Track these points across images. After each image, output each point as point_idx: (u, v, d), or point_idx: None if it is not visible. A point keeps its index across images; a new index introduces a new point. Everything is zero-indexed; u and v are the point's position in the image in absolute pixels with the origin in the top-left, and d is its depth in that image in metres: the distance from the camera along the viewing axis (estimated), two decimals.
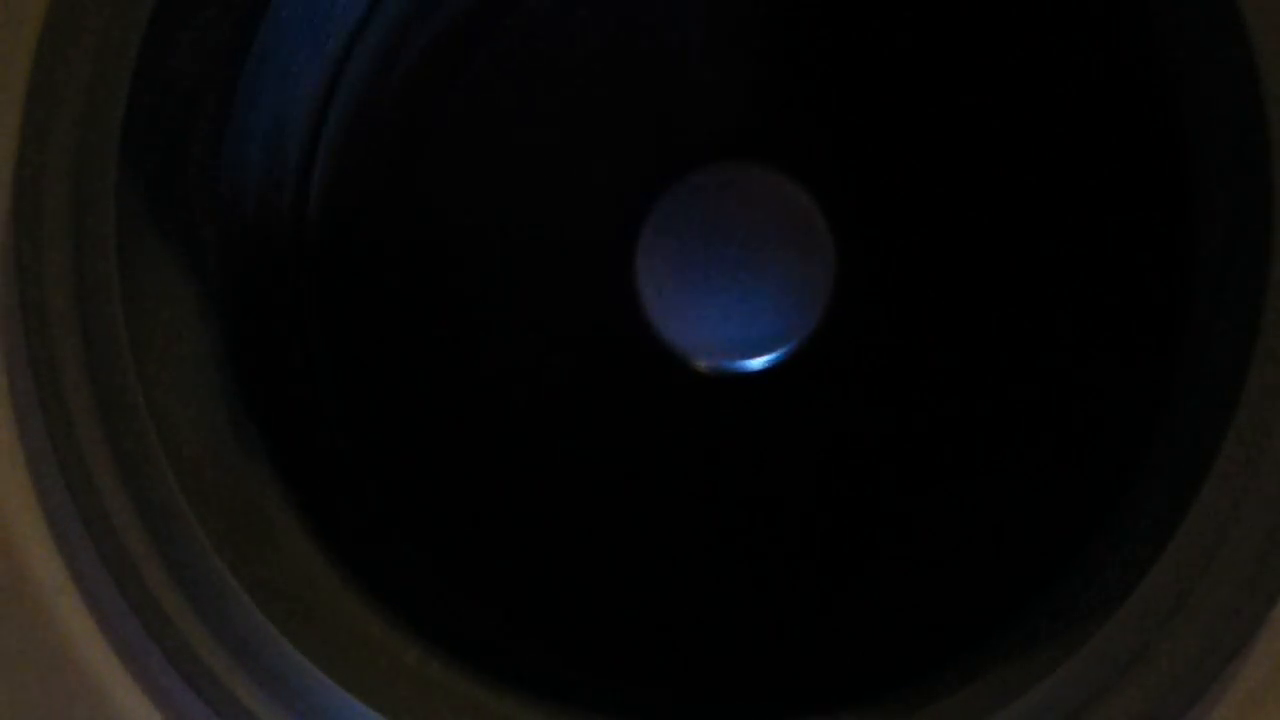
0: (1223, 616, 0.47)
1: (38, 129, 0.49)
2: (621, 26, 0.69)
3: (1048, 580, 0.54)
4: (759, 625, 0.65)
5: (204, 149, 0.54)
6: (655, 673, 0.62)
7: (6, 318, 0.50)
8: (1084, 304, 0.65)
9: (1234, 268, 0.50)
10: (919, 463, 0.68)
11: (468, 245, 0.69)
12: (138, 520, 0.50)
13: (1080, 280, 0.65)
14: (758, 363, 0.68)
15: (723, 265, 0.67)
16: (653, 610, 0.66)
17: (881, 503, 0.68)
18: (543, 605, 0.65)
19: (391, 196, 0.68)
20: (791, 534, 0.68)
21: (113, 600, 0.50)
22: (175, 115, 0.52)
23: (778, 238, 0.67)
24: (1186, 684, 0.47)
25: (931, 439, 0.68)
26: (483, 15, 0.68)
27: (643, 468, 0.69)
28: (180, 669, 0.50)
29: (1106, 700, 0.47)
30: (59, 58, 0.49)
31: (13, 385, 0.51)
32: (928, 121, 0.68)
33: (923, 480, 0.67)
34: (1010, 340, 0.67)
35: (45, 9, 0.49)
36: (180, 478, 0.50)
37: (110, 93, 0.49)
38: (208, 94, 0.53)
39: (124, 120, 0.49)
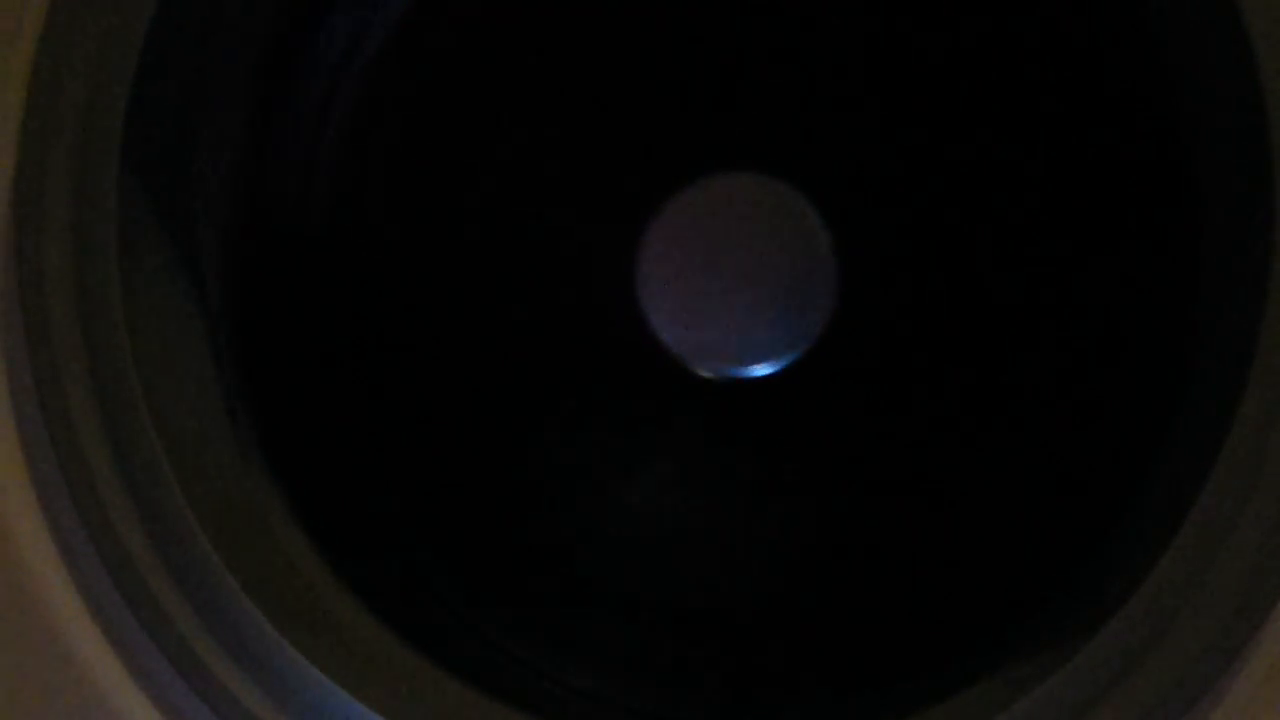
0: (1223, 617, 0.47)
1: (39, 130, 0.49)
2: (625, 35, 0.69)
3: (1050, 582, 0.54)
4: (761, 628, 0.65)
5: (204, 150, 0.54)
6: (656, 674, 0.62)
7: (6, 318, 0.51)
8: (1087, 309, 0.65)
9: (1236, 271, 0.50)
10: (921, 469, 0.68)
11: (470, 251, 0.69)
12: (138, 520, 0.50)
13: (1083, 284, 0.65)
14: (761, 370, 0.68)
15: (725, 273, 0.67)
16: (654, 613, 0.66)
17: (884, 508, 0.68)
18: (543, 607, 0.65)
19: (391, 202, 0.68)
20: (794, 539, 0.68)
21: (113, 600, 0.50)
22: (176, 116, 0.52)
23: (780, 246, 0.67)
24: (1187, 684, 0.47)
25: (934, 445, 0.68)
26: (484, 23, 0.68)
27: (645, 474, 0.69)
28: (180, 669, 0.50)
29: (1107, 700, 0.47)
30: (60, 59, 0.49)
31: (13, 385, 0.51)
32: (930, 129, 0.68)
33: (925, 486, 0.67)
34: (1013, 345, 0.67)
35: (46, 10, 0.49)
36: (180, 478, 0.50)
37: (111, 94, 0.49)
38: (208, 96, 0.53)
39: (125, 121, 0.49)
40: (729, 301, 0.67)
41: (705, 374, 0.69)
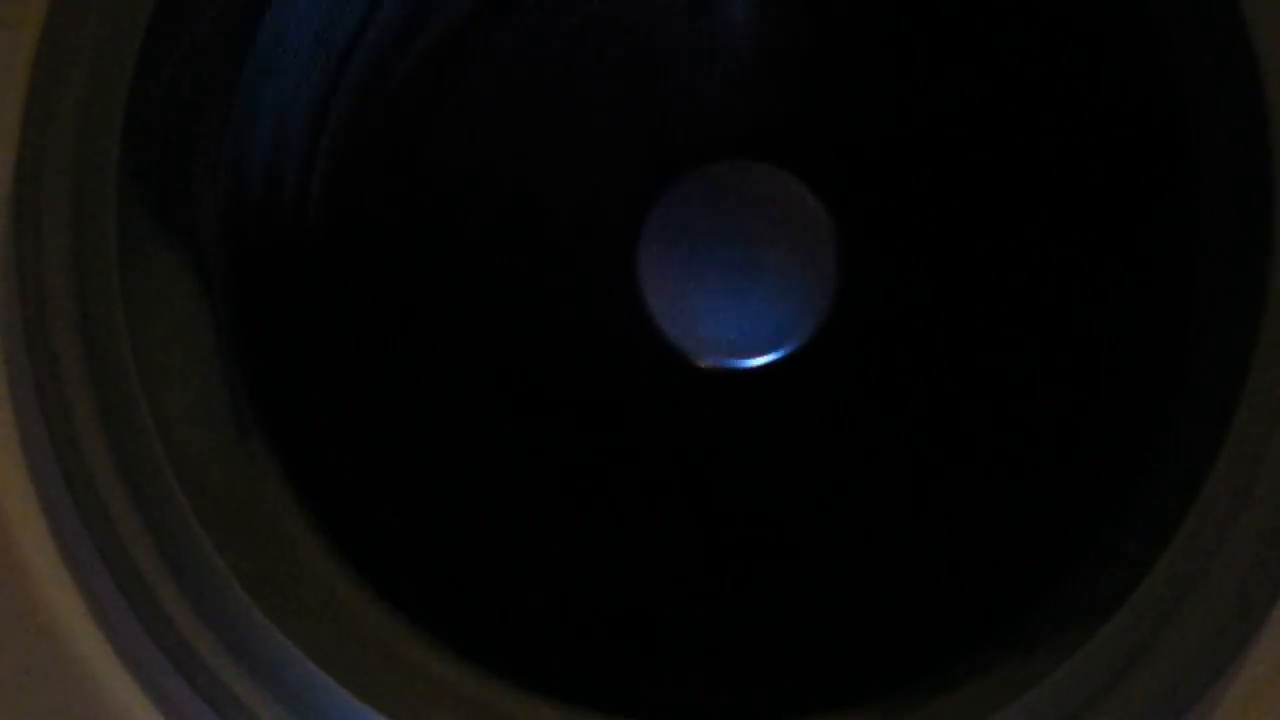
0: (1222, 617, 0.47)
1: (38, 129, 0.49)
2: (624, 25, 0.69)
3: (1048, 580, 0.54)
4: (758, 624, 0.65)
5: (204, 149, 0.54)
6: (656, 671, 0.62)
7: (6, 317, 0.50)
8: (1086, 305, 0.65)
9: (1236, 270, 0.50)
10: (919, 463, 0.68)
11: (469, 243, 0.69)
12: (138, 520, 0.50)
13: (1083, 281, 0.65)
14: (759, 360, 0.68)
15: (725, 263, 0.67)
16: (653, 608, 0.66)
17: (881, 502, 0.68)
18: (543, 603, 0.65)
19: (392, 196, 0.68)
20: (792, 532, 0.68)
21: (113, 600, 0.50)
22: (175, 115, 0.52)
23: (780, 235, 0.67)
24: (1186, 684, 0.47)
25: (932, 438, 0.68)
26: (483, 16, 0.68)
27: (644, 465, 0.70)
28: (180, 669, 0.50)
29: (1106, 700, 0.47)
30: (59, 58, 0.49)
31: (13, 385, 0.51)
32: (931, 120, 0.68)
33: (922, 480, 0.67)
34: (1012, 340, 0.67)
35: (45, 11, 0.49)
36: (181, 478, 0.50)
37: (111, 93, 0.49)
38: (208, 94, 0.53)
39: (124, 120, 0.49)
40: (728, 291, 0.67)
41: (704, 364, 0.69)
